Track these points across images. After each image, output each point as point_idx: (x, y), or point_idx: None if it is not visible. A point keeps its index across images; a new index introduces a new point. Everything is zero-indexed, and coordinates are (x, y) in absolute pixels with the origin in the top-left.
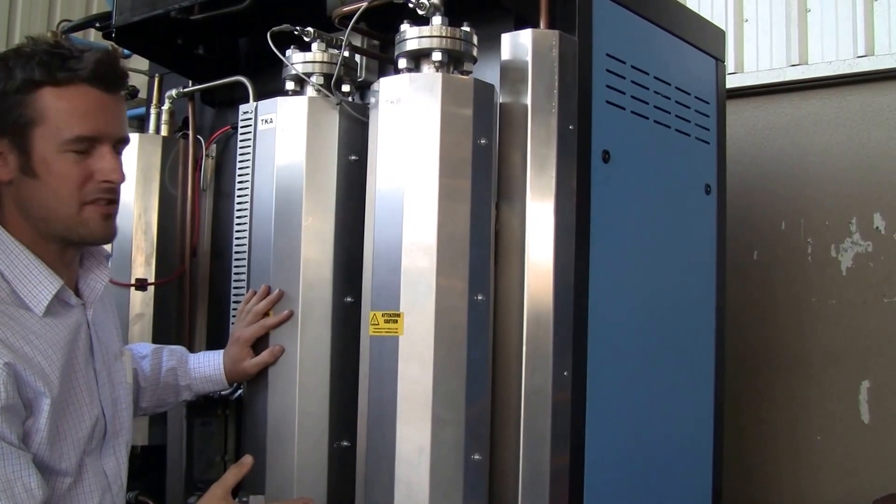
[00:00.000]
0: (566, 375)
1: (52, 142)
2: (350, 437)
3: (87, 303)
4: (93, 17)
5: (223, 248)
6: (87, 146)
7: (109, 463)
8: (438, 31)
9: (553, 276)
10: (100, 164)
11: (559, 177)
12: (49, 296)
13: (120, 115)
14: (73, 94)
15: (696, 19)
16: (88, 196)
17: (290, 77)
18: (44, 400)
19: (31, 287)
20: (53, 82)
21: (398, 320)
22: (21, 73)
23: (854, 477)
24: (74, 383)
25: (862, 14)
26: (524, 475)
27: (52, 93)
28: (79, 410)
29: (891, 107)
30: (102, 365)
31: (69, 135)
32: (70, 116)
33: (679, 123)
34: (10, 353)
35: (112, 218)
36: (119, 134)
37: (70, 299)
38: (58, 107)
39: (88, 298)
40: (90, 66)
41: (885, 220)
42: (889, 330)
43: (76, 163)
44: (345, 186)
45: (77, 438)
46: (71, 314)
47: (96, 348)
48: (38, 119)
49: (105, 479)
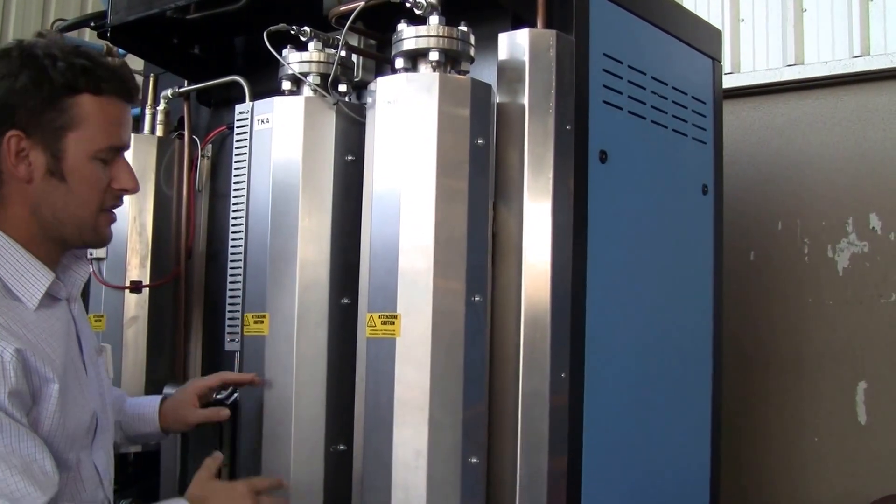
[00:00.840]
0: (563, 377)
1: (85, 148)
2: (346, 441)
3: (70, 298)
4: (88, 17)
5: (219, 250)
6: (113, 155)
7: (100, 457)
8: (435, 31)
9: (550, 277)
10: (118, 174)
11: (556, 177)
12: (42, 289)
13: (129, 123)
14: (109, 105)
15: (692, 19)
16: (106, 203)
17: (287, 77)
18: (51, 386)
19: (24, 281)
20: (95, 91)
21: (395, 322)
22: (60, 77)
23: (851, 477)
24: (73, 376)
25: (858, 14)
26: (521, 478)
27: (91, 101)
28: (80, 403)
29: (887, 107)
30: (89, 359)
31: (104, 144)
32: (106, 125)
33: (676, 123)
34: (17, 339)
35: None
36: (128, 142)
37: (59, 293)
38: (96, 115)
39: (71, 293)
40: (120, 77)
41: (881, 221)
42: (886, 330)
43: (102, 171)
44: (342, 187)
45: (78, 432)
46: (60, 308)
47: (83, 343)
48: (75, 124)
49: (97, 474)
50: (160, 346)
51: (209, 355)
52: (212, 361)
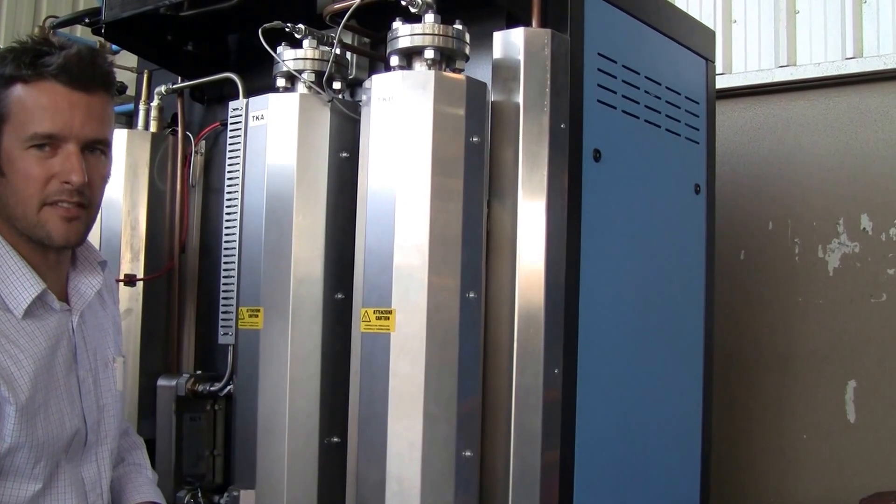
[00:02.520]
0: (556, 373)
1: (16, 138)
2: (341, 434)
3: (73, 309)
4: (81, 13)
5: (212, 245)
6: (49, 144)
7: (89, 470)
8: (431, 29)
9: (544, 274)
10: (62, 165)
11: (550, 175)
12: (29, 298)
13: (93, 114)
14: (39, 91)
15: (686, 20)
16: (49, 197)
17: (281, 74)
18: (6, 407)
19: (12, 288)
20: (22, 79)
21: (390, 317)
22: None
23: (840, 475)
24: (54, 390)
25: (850, 16)
26: (515, 472)
27: (22, 89)
28: (59, 418)
29: (879, 109)
30: (88, 371)
31: (30, 130)
32: (33, 113)
33: (669, 123)
34: None
35: (76, 221)
36: (89, 135)
37: (53, 304)
38: (24, 103)
39: (75, 304)
40: (59, 62)
41: (871, 221)
42: (875, 330)
43: (39, 162)
44: (336, 184)
45: (54, 446)
46: (53, 318)
47: (80, 355)
48: (7, 115)
49: (82, 486)
50: (154, 338)
51: (202, 348)
52: (204, 354)
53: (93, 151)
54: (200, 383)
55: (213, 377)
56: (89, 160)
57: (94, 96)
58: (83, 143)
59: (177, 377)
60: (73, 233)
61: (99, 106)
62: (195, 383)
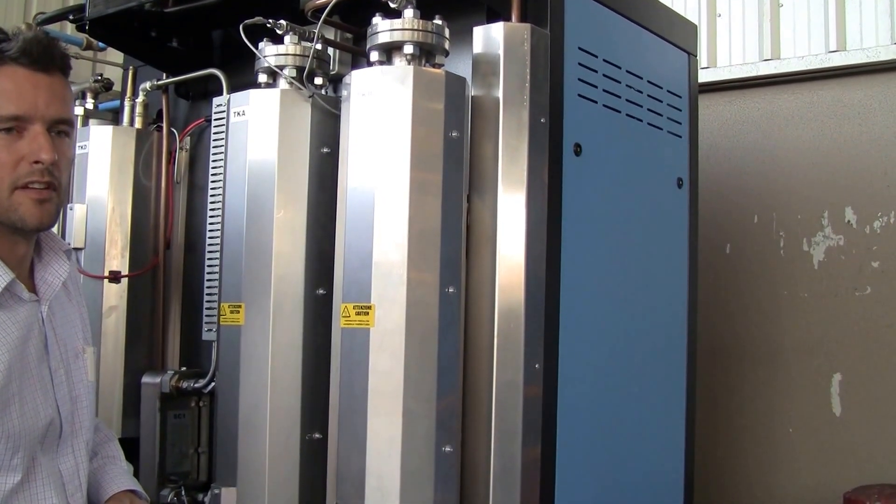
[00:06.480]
0: (537, 368)
1: None
2: (322, 429)
3: (41, 298)
4: (67, 9)
5: (197, 241)
6: (16, 127)
7: (66, 462)
8: (410, 24)
9: (524, 269)
10: (30, 146)
11: (531, 170)
12: None
13: (56, 94)
14: (1, 76)
15: (668, 14)
16: (20, 180)
17: (263, 70)
18: None
19: None
20: None
21: (369, 313)
22: None
23: (825, 469)
24: (27, 381)
25: (834, 9)
26: (495, 467)
27: None
28: (34, 407)
29: (862, 102)
30: (59, 362)
31: None
32: None
33: (651, 117)
34: None
35: (48, 203)
36: (54, 114)
37: (22, 294)
38: None
39: (44, 294)
40: (19, 45)
41: (856, 214)
42: (860, 323)
43: (6, 145)
44: (317, 179)
45: (30, 437)
46: (23, 309)
47: (51, 345)
48: None
49: (60, 478)
50: (139, 335)
51: (187, 344)
52: (189, 350)
53: (58, 134)
54: (185, 380)
55: (198, 374)
56: (55, 142)
57: (54, 77)
58: (49, 123)
59: (161, 374)
60: (46, 214)
61: (60, 86)
62: (179, 380)
